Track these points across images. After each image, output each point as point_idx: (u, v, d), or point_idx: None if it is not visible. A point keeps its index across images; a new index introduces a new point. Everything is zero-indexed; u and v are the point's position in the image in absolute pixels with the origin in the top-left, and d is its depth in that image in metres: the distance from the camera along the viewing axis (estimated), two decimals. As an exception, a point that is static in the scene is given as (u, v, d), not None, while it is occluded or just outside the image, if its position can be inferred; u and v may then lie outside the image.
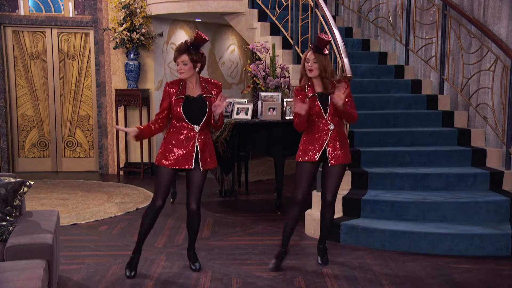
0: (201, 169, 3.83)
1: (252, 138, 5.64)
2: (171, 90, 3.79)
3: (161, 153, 3.84)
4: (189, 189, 3.92)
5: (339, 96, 3.82)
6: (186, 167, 3.80)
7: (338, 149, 4.02)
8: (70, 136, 8.42)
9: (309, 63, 3.94)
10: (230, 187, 6.71)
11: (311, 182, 4.14)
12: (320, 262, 4.22)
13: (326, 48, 3.97)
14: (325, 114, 3.97)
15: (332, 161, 4.01)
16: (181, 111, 3.74)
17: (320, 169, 4.24)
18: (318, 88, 4.01)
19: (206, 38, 3.80)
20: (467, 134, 5.69)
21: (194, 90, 3.82)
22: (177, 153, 3.79)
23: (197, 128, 3.77)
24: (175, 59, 3.76)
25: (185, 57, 3.72)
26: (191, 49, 3.75)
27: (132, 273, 3.92)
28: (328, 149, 4.00)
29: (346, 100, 3.92)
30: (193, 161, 3.80)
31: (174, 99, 3.78)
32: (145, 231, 3.96)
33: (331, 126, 3.98)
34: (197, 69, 3.80)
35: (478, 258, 4.31)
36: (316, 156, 4.00)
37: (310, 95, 3.99)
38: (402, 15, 6.80)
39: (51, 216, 3.75)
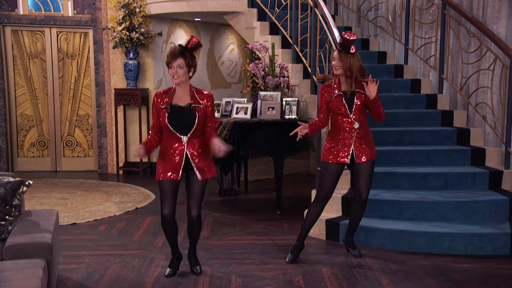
0: (199, 178, 3.76)
1: (252, 138, 5.64)
2: (159, 100, 3.72)
3: (157, 167, 3.80)
4: (189, 198, 3.85)
5: (372, 88, 3.93)
6: (172, 177, 3.72)
7: (364, 147, 4.10)
8: (70, 136, 8.42)
9: (334, 62, 4.03)
10: (230, 186, 6.71)
11: (336, 182, 4.20)
12: (355, 253, 4.35)
13: (354, 47, 4.00)
14: (350, 113, 4.01)
15: (358, 159, 4.09)
16: (167, 121, 3.66)
17: (347, 169, 4.30)
18: (344, 87, 4.07)
19: (201, 43, 3.73)
20: (467, 134, 5.69)
21: (183, 99, 3.72)
22: (167, 166, 3.74)
23: (184, 139, 3.69)
24: (169, 63, 3.65)
25: (181, 61, 3.63)
26: (187, 52, 3.67)
27: (169, 272, 3.93)
28: (354, 148, 4.07)
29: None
30: (180, 172, 3.71)
31: (161, 108, 3.70)
32: (170, 238, 3.95)
33: (356, 125, 4.05)
34: (190, 74, 3.72)
35: (477, 257, 4.31)
36: (346, 159, 4.08)
37: (336, 94, 4.04)
38: (401, 14, 6.80)
39: (50, 215, 3.75)
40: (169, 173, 3.74)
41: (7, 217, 3.51)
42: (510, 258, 4.31)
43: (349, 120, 4.05)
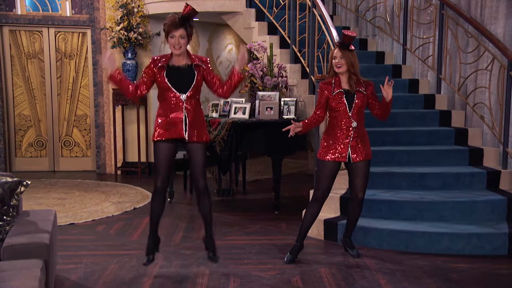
0: (187, 140, 3.72)
1: (250, 138, 5.63)
2: (156, 62, 3.72)
3: (155, 129, 3.80)
4: (192, 169, 3.83)
5: (389, 90, 4.02)
6: (177, 136, 3.71)
7: (360, 146, 4.10)
8: (68, 136, 8.41)
9: (337, 60, 4.03)
10: (228, 186, 6.70)
11: (332, 181, 4.20)
12: (353, 253, 4.35)
13: (352, 44, 4.04)
14: (350, 111, 4.02)
15: (354, 159, 4.10)
16: (165, 79, 3.67)
17: (344, 169, 4.31)
18: (344, 85, 4.08)
19: (196, 10, 3.73)
20: (464, 134, 5.70)
21: (180, 60, 3.74)
22: (167, 125, 3.72)
23: (183, 96, 3.69)
24: (169, 32, 3.64)
25: (182, 31, 3.65)
26: (187, 22, 3.68)
27: (148, 260, 3.93)
28: (350, 147, 4.09)
29: (373, 101, 4.16)
30: (184, 131, 3.71)
31: (156, 68, 3.71)
32: (154, 213, 3.90)
33: (354, 124, 4.05)
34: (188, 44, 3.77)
35: (476, 257, 4.31)
36: (342, 158, 4.08)
37: (336, 91, 4.04)
38: (399, 14, 6.80)
39: (48, 215, 3.74)
40: (170, 133, 3.71)
41: (4, 217, 3.50)
42: (508, 258, 4.32)
43: (348, 118, 4.06)
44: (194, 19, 3.80)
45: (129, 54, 7.78)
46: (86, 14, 8.06)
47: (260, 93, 5.87)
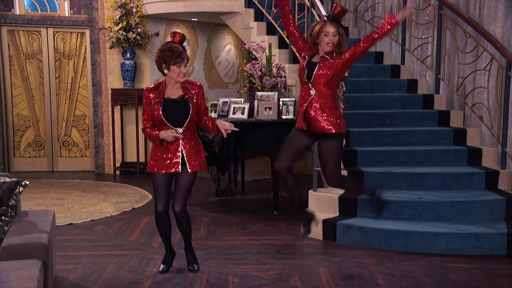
0: (189, 171, 3.77)
1: (249, 138, 5.64)
2: (151, 95, 3.72)
3: (150, 159, 3.82)
4: (175, 191, 3.85)
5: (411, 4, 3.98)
6: (173, 171, 3.75)
7: (319, 118, 3.90)
8: (66, 136, 8.40)
9: (329, 37, 3.79)
10: (227, 186, 6.70)
11: (295, 153, 4.08)
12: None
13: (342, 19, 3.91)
14: (308, 79, 3.89)
15: (312, 129, 3.95)
16: (161, 114, 3.68)
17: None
18: (316, 58, 3.92)
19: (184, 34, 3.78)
20: (463, 134, 5.70)
21: (174, 92, 3.74)
22: (163, 158, 3.75)
23: (180, 130, 3.71)
24: (176, 63, 3.62)
25: (186, 60, 3.68)
26: (185, 50, 3.71)
27: (163, 268, 4.00)
28: (309, 117, 3.93)
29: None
30: (180, 165, 3.74)
31: (152, 103, 3.71)
32: (163, 234, 3.97)
33: (312, 92, 3.90)
34: None
35: (474, 257, 4.32)
36: (303, 124, 3.96)
37: (306, 61, 3.96)
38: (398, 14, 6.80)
39: (47, 216, 3.74)
40: (165, 166, 3.74)
41: (3, 217, 3.50)
42: (507, 258, 4.32)
43: (306, 85, 3.90)
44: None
45: (128, 54, 7.78)
46: (85, 14, 8.06)
47: (259, 93, 5.88)
